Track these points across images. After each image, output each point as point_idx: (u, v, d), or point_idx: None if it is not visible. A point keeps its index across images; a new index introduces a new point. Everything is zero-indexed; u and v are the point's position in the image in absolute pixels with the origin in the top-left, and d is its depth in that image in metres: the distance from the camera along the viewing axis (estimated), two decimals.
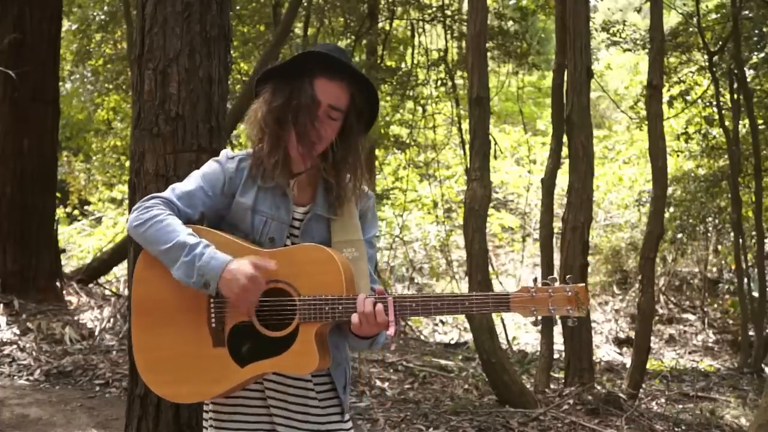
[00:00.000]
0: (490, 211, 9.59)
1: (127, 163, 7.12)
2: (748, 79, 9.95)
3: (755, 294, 9.89)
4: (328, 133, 1.95)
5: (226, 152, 2.06)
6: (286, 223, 1.97)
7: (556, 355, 6.89)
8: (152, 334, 1.93)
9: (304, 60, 1.96)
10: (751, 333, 9.75)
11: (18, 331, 6.23)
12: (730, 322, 12.31)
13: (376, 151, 11.53)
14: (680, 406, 6.40)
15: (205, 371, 1.88)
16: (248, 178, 1.99)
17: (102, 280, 9.55)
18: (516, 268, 13.57)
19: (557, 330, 6.61)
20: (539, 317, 1.87)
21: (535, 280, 1.89)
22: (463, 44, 9.38)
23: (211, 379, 1.88)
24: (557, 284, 1.87)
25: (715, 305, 12.98)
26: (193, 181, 1.99)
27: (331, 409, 2.00)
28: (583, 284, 1.88)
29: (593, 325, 8.03)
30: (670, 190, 10.58)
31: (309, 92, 1.90)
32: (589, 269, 6.86)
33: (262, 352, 1.85)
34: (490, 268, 6.39)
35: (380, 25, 10.61)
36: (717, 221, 12.54)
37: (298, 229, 1.98)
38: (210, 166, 2.02)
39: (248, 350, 1.86)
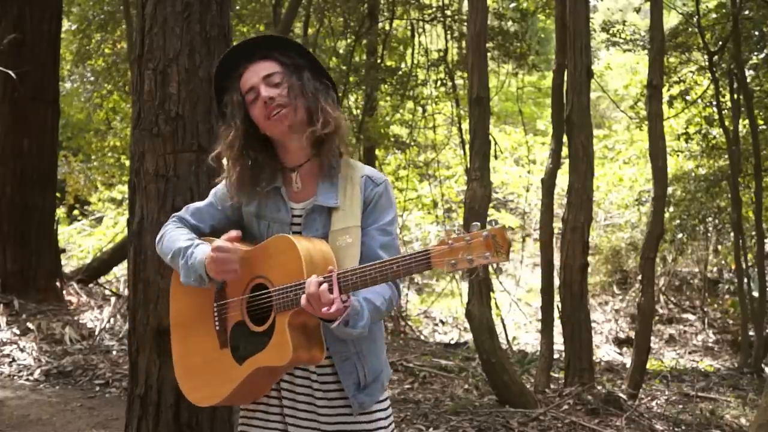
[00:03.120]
0: (490, 211, 9.58)
1: (127, 163, 7.12)
2: (748, 80, 9.95)
3: (755, 294, 9.89)
4: (283, 98, 1.96)
5: None
6: (287, 223, 1.99)
7: (556, 355, 6.88)
8: (183, 343, 2.04)
9: (226, 71, 2.04)
10: (751, 333, 9.75)
11: (18, 331, 6.22)
12: (730, 322, 12.31)
13: (376, 151, 11.52)
14: (680, 406, 6.39)
15: (216, 373, 1.95)
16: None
17: (102, 280, 9.55)
18: (516, 268, 13.56)
19: (557, 330, 6.61)
20: (462, 270, 1.70)
21: (456, 230, 1.70)
22: (463, 44, 9.38)
23: (221, 379, 1.93)
24: (476, 230, 1.66)
25: (715, 305, 12.98)
26: (207, 198, 2.12)
27: (342, 408, 1.97)
28: (502, 225, 1.67)
29: (593, 325, 8.02)
30: (670, 190, 10.58)
31: (238, 95, 2.00)
32: (589, 269, 6.85)
33: (253, 347, 1.88)
34: (490, 268, 6.40)
35: (380, 25, 10.60)
36: (717, 221, 12.54)
37: (299, 226, 1.99)
38: (223, 182, 2.11)
39: (243, 347, 1.90)
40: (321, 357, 1.88)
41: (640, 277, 7.29)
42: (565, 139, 6.57)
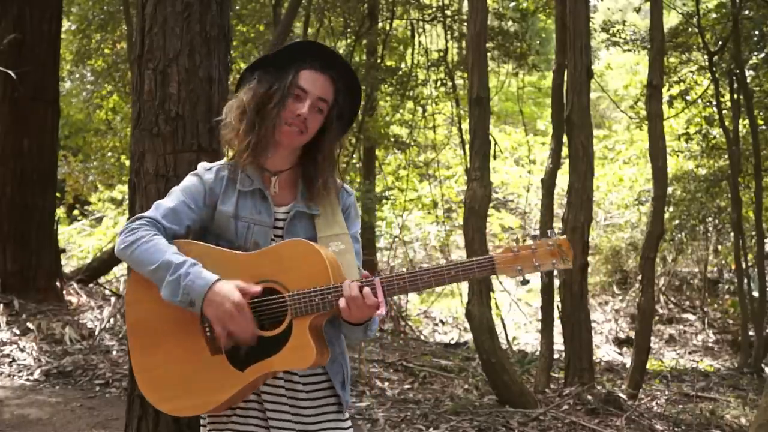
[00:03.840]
0: (490, 211, 9.58)
1: (127, 163, 7.12)
2: (748, 80, 9.95)
3: (755, 294, 9.89)
4: (311, 124, 1.98)
5: (203, 164, 2.09)
6: (269, 226, 1.99)
7: (556, 355, 6.89)
8: (149, 353, 1.94)
9: (293, 52, 2.01)
10: (751, 333, 9.75)
11: (18, 331, 6.22)
12: (730, 322, 12.31)
13: (376, 151, 11.53)
14: (680, 406, 6.39)
15: (206, 381, 1.88)
16: (228, 184, 2.01)
17: (102, 280, 9.54)
18: None
19: (557, 330, 6.61)
20: (526, 275, 1.85)
21: (517, 239, 1.85)
22: (463, 44, 9.39)
23: (213, 388, 1.87)
24: (539, 240, 1.84)
25: (715, 305, 12.99)
26: (175, 197, 2.00)
27: (327, 407, 1.99)
28: (565, 236, 1.86)
29: (593, 325, 8.02)
30: (670, 190, 10.58)
31: (292, 80, 1.96)
32: (589, 269, 6.85)
33: (260, 352, 1.85)
34: None
35: (380, 25, 10.61)
36: (717, 221, 12.54)
37: (281, 230, 1.99)
38: (189, 180, 2.04)
39: (246, 353, 1.86)
40: (327, 359, 1.91)
41: (640, 277, 7.29)
42: (565, 139, 6.57)
